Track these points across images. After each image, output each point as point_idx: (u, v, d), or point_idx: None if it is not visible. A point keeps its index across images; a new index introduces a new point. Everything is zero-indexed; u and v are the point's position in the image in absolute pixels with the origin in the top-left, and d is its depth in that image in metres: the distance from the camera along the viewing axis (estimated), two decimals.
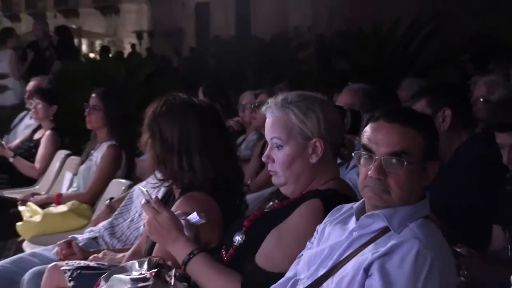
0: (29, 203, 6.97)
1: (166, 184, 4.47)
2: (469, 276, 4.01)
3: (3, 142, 8.95)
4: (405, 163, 3.10)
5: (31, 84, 9.66)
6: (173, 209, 3.99)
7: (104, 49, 30.36)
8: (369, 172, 3.15)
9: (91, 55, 30.76)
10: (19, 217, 6.71)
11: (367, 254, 3.11)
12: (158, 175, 4.52)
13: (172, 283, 3.82)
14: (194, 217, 3.84)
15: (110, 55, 25.87)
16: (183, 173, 4.32)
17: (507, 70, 8.47)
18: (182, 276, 3.81)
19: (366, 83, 6.86)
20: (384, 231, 3.15)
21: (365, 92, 6.51)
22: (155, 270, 3.90)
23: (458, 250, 3.97)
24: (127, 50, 34.47)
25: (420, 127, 3.17)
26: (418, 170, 3.14)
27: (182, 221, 3.80)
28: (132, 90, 10.62)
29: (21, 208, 6.87)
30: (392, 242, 3.08)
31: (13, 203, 7.19)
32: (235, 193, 4.48)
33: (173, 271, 3.85)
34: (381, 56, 12.25)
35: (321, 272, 3.21)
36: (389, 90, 8.13)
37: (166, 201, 4.37)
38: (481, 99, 6.58)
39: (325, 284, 3.17)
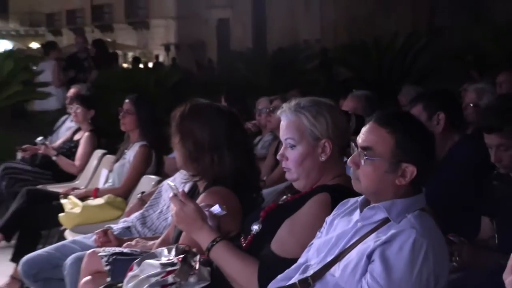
0: (70, 197, 6.98)
1: (196, 179, 4.48)
2: (460, 261, 4.02)
3: (47, 142, 8.97)
4: (365, 157, 3.14)
5: (72, 91, 9.67)
6: (198, 201, 3.98)
7: (136, 60, 30.38)
8: None
9: (124, 65, 30.83)
10: (61, 208, 6.72)
11: (370, 242, 3.10)
12: (187, 172, 4.54)
13: (197, 268, 3.82)
14: (216, 208, 3.84)
15: (141, 65, 25.86)
16: (211, 169, 4.33)
17: (493, 78, 8.45)
18: (206, 261, 3.81)
19: (368, 91, 6.86)
20: (384, 221, 3.14)
21: (367, 98, 6.53)
22: (182, 256, 3.90)
23: (451, 238, 3.96)
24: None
25: (393, 130, 3.16)
26: (385, 167, 3.14)
27: (206, 212, 3.79)
28: (161, 96, 10.62)
29: (63, 201, 6.88)
30: (391, 231, 3.07)
31: (56, 196, 7.20)
32: (252, 187, 4.48)
33: (198, 256, 3.86)
34: (381, 66, 12.25)
35: (329, 258, 3.20)
36: (389, 96, 8.11)
37: (192, 194, 4.37)
38: (471, 104, 6.58)
39: (332, 269, 3.16)
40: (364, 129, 3.24)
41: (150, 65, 25.04)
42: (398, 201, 3.16)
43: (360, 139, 3.22)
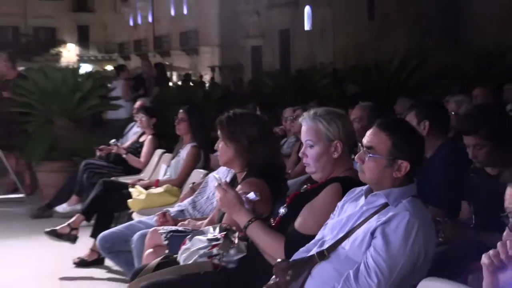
0: (137, 186, 7.00)
1: (237, 170, 4.48)
2: (444, 237, 4.01)
3: (118, 144, 9.00)
4: (369, 156, 3.18)
5: (138, 104, 9.69)
6: (237, 189, 3.98)
7: (187, 76, 30.21)
8: None
9: (179, 83, 30.94)
10: (129, 196, 6.74)
11: (373, 222, 3.12)
12: (229, 167, 4.63)
13: (236, 242, 3.83)
14: (251, 195, 3.84)
15: (191, 83, 25.89)
16: (251, 162, 4.33)
17: (470, 92, 8.42)
18: (243, 237, 3.82)
19: (371, 102, 6.83)
20: (384, 205, 3.15)
21: (370, 108, 6.49)
22: (224, 232, 3.92)
23: (438, 219, 3.94)
24: (204, 79, 34.52)
25: (391, 133, 3.19)
26: (384, 163, 3.17)
27: (243, 198, 3.80)
28: (208, 107, 10.61)
29: (131, 189, 6.90)
30: (390, 213, 3.09)
31: (126, 186, 7.23)
32: (280, 179, 4.46)
33: (237, 233, 3.87)
34: (381, 83, 12.22)
35: (341, 235, 3.21)
36: (387, 106, 8.07)
37: (232, 184, 4.36)
38: (452, 112, 6.56)
39: (343, 243, 3.17)
40: (368, 132, 3.27)
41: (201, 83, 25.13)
42: (395, 190, 3.18)
43: (365, 140, 3.25)
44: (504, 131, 4.24)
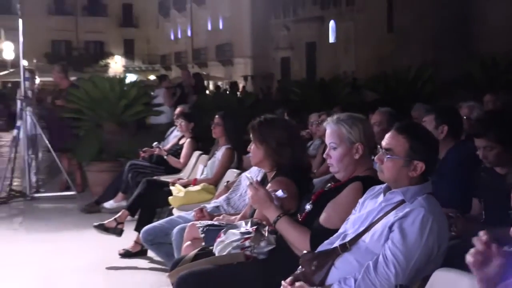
0: (176, 185, 7.01)
1: (267, 170, 4.48)
2: (457, 231, 3.98)
3: (160, 146, 9.04)
4: (387, 157, 3.19)
5: (178, 110, 9.69)
6: (267, 187, 3.99)
7: (217, 87, 30.22)
8: None
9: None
10: (170, 193, 6.76)
11: (390, 217, 3.11)
12: (261, 167, 4.61)
13: (266, 235, 3.84)
14: (280, 193, 3.84)
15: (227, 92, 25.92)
16: (280, 163, 4.34)
17: (481, 98, 8.34)
18: (272, 231, 3.82)
19: (389, 108, 6.80)
20: (401, 202, 3.15)
21: (389, 113, 6.46)
22: (255, 227, 3.92)
23: (451, 214, 3.93)
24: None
25: (408, 136, 3.19)
26: (401, 163, 3.17)
27: (273, 195, 3.80)
28: (241, 112, 10.60)
29: (171, 187, 6.91)
30: (406, 209, 3.09)
31: (166, 184, 7.24)
32: (306, 178, 4.47)
33: (267, 227, 3.87)
34: (398, 91, 12.19)
35: (361, 229, 3.21)
36: (404, 112, 8.03)
37: (263, 183, 4.36)
38: (465, 117, 6.50)
39: (363, 236, 3.18)
40: (387, 135, 3.26)
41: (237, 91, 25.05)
42: (411, 188, 3.17)
43: (384, 142, 3.25)
44: (510, 135, 4.22)
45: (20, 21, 10.73)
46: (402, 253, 3.01)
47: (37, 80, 12.99)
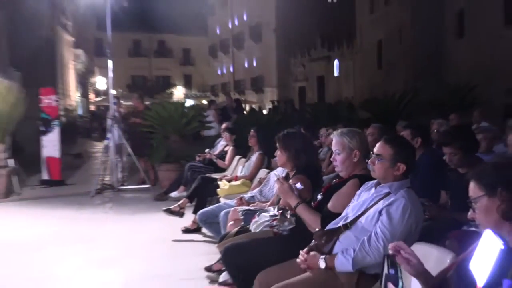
0: (223, 180, 7.04)
1: (289, 170, 4.48)
2: (429, 215, 3.96)
3: (210, 152, 9.12)
4: (378, 160, 3.16)
5: (223, 126, 9.75)
6: (290, 182, 4.00)
7: (252, 109, 30.09)
8: None
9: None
10: (218, 186, 6.78)
11: (380, 204, 3.09)
12: (285, 168, 4.58)
13: (288, 217, 3.85)
14: (299, 185, 3.83)
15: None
16: (298, 164, 4.33)
17: (447, 117, 8.27)
18: (293, 214, 3.82)
19: (379, 124, 6.76)
20: (388, 193, 3.12)
21: (379, 127, 6.42)
22: (281, 211, 3.93)
23: (425, 203, 3.90)
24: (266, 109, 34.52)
25: (393, 145, 3.16)
26: (388, 165, 3.13)
27: (294, 188, 3.81)
28: (269, 127, 10.58)
29: (219, 182, 6.94)
30: (392, 199, 3.07)
31: (215, 180, 7.27)
32: (317, 175, 4.46)
33: (289, 212, 3.88)
34: (386, 111, 12.05)
35: (358, 213, 3.19)
36: (390, 127, 7.97)
37: (286, 179, 4.37)
38: (435, 130, 6.46)
39: (360, 219, 3.15)
40: (377, 144, 3.23)
41: (264, 111, 24.90)
42: (395, 183, 3.14)
43: (375, 149, 3.22)
44: (470, 143, 4.20)
45: (110, 61, 10.89)
46: (389, 231, 3.00)
47: (122, 104, 13.08)
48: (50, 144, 10.96)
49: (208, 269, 5.01)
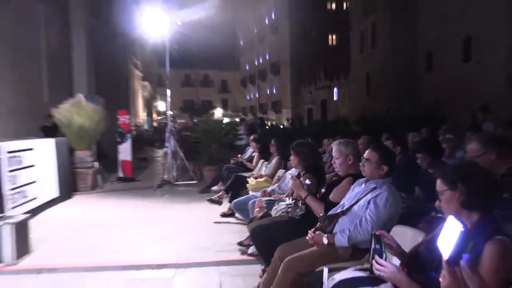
0: (251, 177, 7.05)
1: (300, 170, 4.45)
2: (406, 205, 3.90)
3: (242, 156, 9.13)
4: (367, 163, 3.12)
5: (251, 137, 9.79)
6: (301, 179, 3.99)
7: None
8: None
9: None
10: (247, 182, 6.78)
11: (368, 196, 3.07)
12: (297, 169, 4.52)
13: (300, 205, 3.82)
14: (308, 181, 3.83)
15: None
16: (307, 166, 4.31)
17: (420, 131, 8.11)
18: (303, 203, 3.79)
19: (368, 136, 6.68)
20: (374, 188, 3.10)
21: (368, 139, 6.34)
22: (294, 201, 3.90)
23: (403, 195, 3.85)
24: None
25: (378, 152, 3.12)
26: (374, 167, 3.10)
27: (304, 183, 3.80)
28: (285, 138, 10.54)
29: (248, 179, 6.95)
30: (377, 192, 3.04)
31: (245, 177, 7.28)
32: (322, 174, 4.43)
33: (300, 201, 3.84)
34: (373, 126, 11.92)
35: (352, 203, 3.17)
36: (377, 138, 7.87)
37: (298, 176, 4.37)
38: (411, 141, 6.36)
39: (354, 207, 3.13)
40: (367, 151, 3.19)
41: (281, 126, 24.86)
42: (380, 180, 3.11)
43: (365, 155, 3.18)
44: (436, 151, 4.16)
45: (168, 90, 11.03)
46: (375, 216, 2.97)
47: (176, 121, 13.20)
48: (125, 151, 11.14)
49: (240, 243, 5.01)
